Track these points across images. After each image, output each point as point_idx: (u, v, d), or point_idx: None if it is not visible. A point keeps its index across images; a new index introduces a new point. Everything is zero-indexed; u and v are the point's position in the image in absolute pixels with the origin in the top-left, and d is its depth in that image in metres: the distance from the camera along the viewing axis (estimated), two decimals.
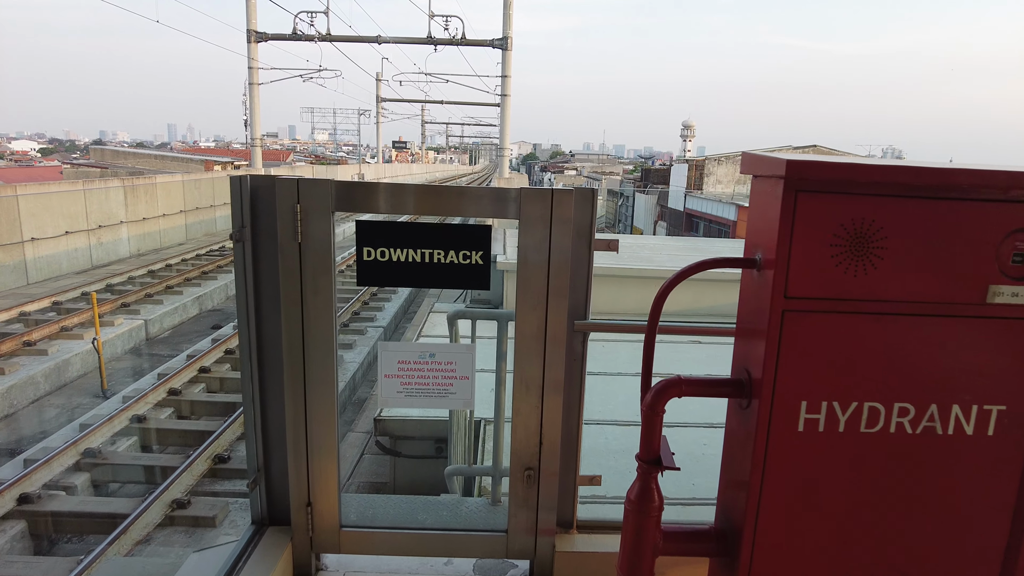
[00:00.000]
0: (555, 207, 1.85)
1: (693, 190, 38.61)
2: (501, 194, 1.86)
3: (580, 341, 2.00)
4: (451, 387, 1.98)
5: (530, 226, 1.86)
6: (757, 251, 1.47)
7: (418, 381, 1.98)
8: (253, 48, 21.83)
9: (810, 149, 41.11)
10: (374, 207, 1.87)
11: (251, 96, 23.31)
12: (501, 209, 1.86)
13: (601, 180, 71.59)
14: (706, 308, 8.32)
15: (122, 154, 45.17)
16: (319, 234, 1.86)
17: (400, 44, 24.02)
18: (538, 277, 1.89)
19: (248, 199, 1.90)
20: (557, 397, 1.97)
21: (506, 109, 24.64)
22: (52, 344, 8.59)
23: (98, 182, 15.00)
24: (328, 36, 21.89)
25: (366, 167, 42.35)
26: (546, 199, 1.85)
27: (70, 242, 13.93)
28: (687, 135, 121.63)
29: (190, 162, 39.25)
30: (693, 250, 10.57)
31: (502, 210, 1.86)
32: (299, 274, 1.88)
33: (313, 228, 1.85)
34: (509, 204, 1.86)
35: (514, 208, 1.85)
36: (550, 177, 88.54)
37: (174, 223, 18.11)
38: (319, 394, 1.97)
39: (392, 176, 48.96)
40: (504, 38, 23.34)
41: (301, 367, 1.94)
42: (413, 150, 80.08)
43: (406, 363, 1.97)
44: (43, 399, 7.78)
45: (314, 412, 1.98)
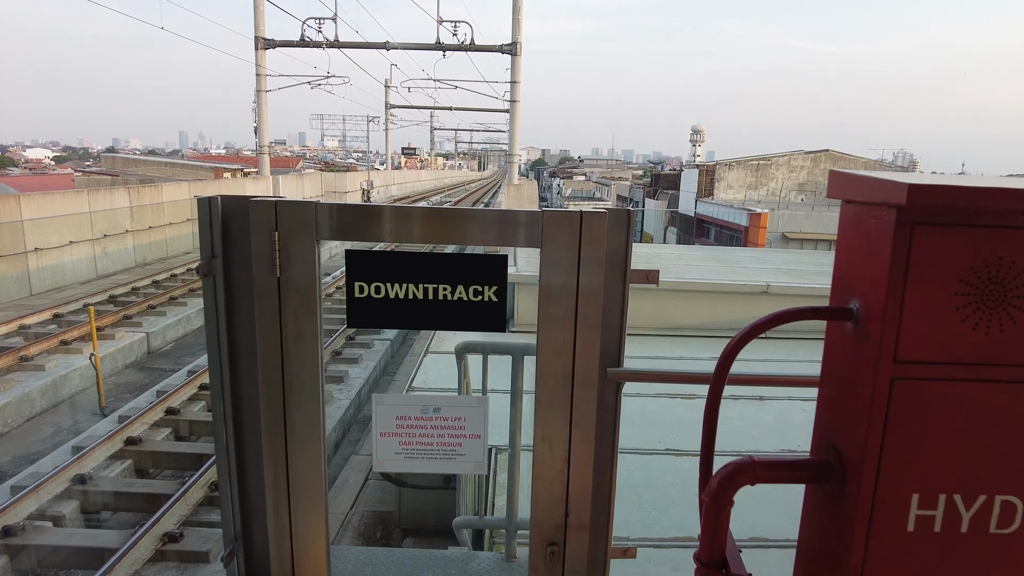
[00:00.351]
0: (585, 233, 1.54)
1: (704, 195, 38.22)
2: (519, 218, 1.54)
3: (613, 392, 1.68)
4: (459, 447, 1.67)
5: (554, 256, 1.55)
6: (853, 299, 1.15)
7: (420, 440, 1.66)
8: (261, 55, 21.72)
9: (822, 154, 40.63)
10: (368, 233, 1.57)
11: (259, 103, 23.19)
12: (520, 235, 1.55)
13: (610, 185, 71.21)
14: (724, 322, 7.97)
15: (133, 162, 45.40)
16: (302, 267, 1.55)
17: (409, 50, 23.86)
18: (563, 316, 1.57)
19: (219, 225, 1.60)
20: (586, 459, 1.65)
21: (515, 115, 24.39)
22: (50, 359, 8.35)
23: (103, 191, 14.84)
24: (336, 42, 21.74)
25: (375, 174, 42.26)
26: (573, 224, 1.53)
27: (75, 252, 13.77)
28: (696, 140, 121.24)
29: (200, 169, 39.32)
30: (712, 259, 10.21)
31: (521, 236, 1.55)
32: (278, 314, 1.58)
33: (295, 260, 1.55)
34: (529, 229, 1.54)
35: (535, 234, 1.54)
36: (559, 182, 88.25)
37: (180, 231, 17.94)
38: (304, 451, 1.66)
39: (401, 183, 48.86)
40: (513, 43, 23.11)
41: (282, 422, 1.64)
42: (422, 156, 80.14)
43: (406, 419, 1.66)
44: (38, 417, 7.54)
45: (299, 470, 1.67)
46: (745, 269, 9.07)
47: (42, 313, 10.25)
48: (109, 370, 8.93)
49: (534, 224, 1.54)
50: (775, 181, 39.78)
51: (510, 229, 1.55)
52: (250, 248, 1.57)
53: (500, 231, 1.55)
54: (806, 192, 39.35)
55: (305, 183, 28.60)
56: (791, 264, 9.98)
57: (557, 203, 77.38)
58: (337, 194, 33.21)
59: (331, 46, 21.78)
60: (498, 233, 1.55)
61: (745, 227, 31.52)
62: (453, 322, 1.58)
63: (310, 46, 21.68)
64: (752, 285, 7.83)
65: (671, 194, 44.34)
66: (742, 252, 12.24)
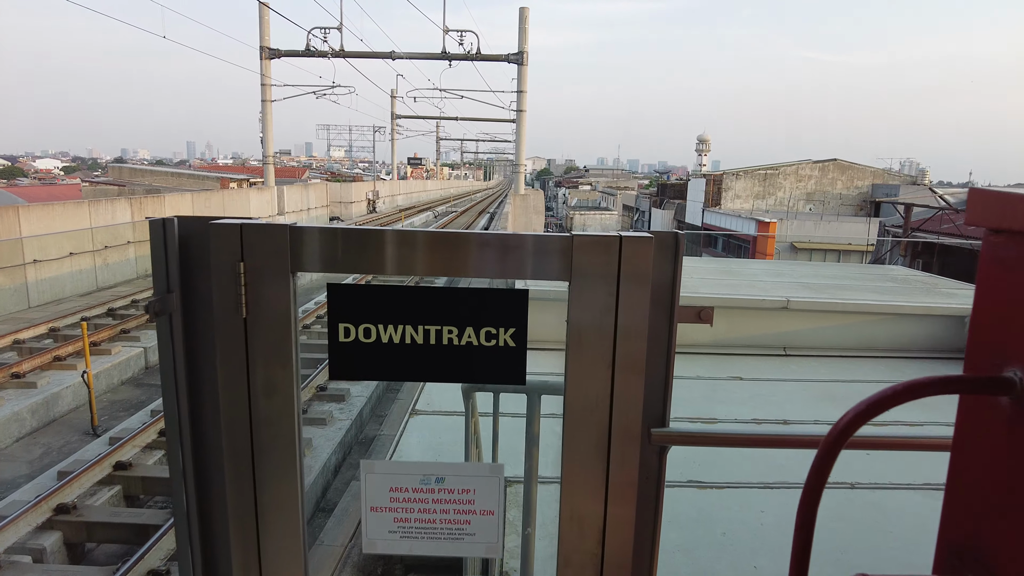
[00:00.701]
0: (625, 263, 1.23)
1: (711, 205, 37.92)
2: (544, 245, 1.24)
3: (657, 457, 1.37)
4: (468, 525, 1.36)
5: (587, 290, 1.24)
6: (1011, 365, 0.84)
7: (419, 517, 1.35)
8: (266, 65, 21.62)
9: (830, 163, 40.30)
10: (357, 263, 1.27)
11: (264, 113, 23.07)
12: (545, 265, 1.25)
13: (616, 195, 71.00)
14: (743, 338, 7.64)
15: (140, 172, 45.54)
16: (273, 305, 1.25)
17: (414, 60, 23.74)
18: (597, 365, 1.27)
19: (176, 252, 1.31)
20: (624, 540, 1.34)
21: (522, 124, 24.20)
22: (43, 376, 8.09)
23: (104, 203, 14.67)
24: (341, 52, 21.63)
25: (380, 184, 42.17)
26: (611, 250, 1.23)
27: (75, 263, 13.56)
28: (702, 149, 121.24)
29: (206, 179, 39.34)
30: (726, 272, 9.88)
31: (546, 266, 1.25)
32: (244, 364, 1.28)
33: (265, 296, 1.25)
34: (556, 258, 1.24)
35: (562, 263, 1.24)
36: (564, 192, 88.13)
37: None
38: (277, 535, 1.35)
39: (407, 192, 48.77)
40: (520, 53, 22.96)
41: (251, 499, 1.33)
42: (428, 166, 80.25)
43: (402, 491, 1.35)
44: (27, 437, 7.26)
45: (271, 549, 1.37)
46: (762, 283, 8.73)
47: (38, 327, 10.00)
48: (104, 387, 8.66)
49: (562, 251, 1.23)
50: (783, 191, 39.48)
51: (533, 258, 1.25)
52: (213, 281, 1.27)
53: (520, 261, 1.25)
54: (814, 201, 39.01)
55: (310, 193, 28.47)
56: (809, 277, 9.64)
57: (562, 213, 77.13)
58: (343, 204, 33.08)
59: (336, 56, 21.67)
60: (518, 263, 1.25)
61: (753, 237, 31.19)
62: (461, 372, 1.28)
63: (315, 56, 21.58)
64: (771, 300, 7.50)
65: (678, 203, 44.08)
66: (756, 265, 11.89)
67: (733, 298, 7.58)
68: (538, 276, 1.26)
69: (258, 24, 21.00)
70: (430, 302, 1.26)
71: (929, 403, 1.09)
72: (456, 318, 1.26)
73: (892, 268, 11.62)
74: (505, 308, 1.26)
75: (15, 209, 12.08)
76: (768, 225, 30.16)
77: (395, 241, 1.24)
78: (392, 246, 1.25)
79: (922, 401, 0.89)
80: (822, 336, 7.81)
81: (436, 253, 1.25)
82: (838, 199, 39.88)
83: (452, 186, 79.52)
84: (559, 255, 1.24)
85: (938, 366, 7.58)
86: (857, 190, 39.72)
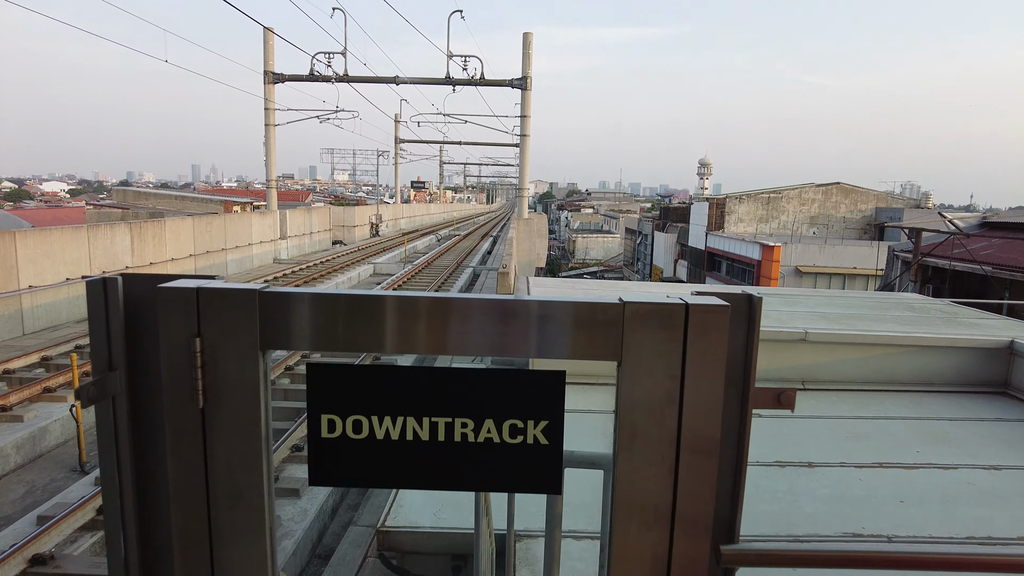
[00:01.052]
0: (694, 337, 0.95)
1: (714, 229, 37.77)
2: (586, 314, 0.96)
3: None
4: None
5: (643, 373, 0.96)
6: None
7: None
8: (270, 89, 21.64)
9: (833, 187, 40.21)
10: (346, 338, 0.99)
11: (267, 137, 23.05)
12: (587, 341, 0.97)
13: (618, 218, 71.01)
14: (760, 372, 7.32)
15: (143, 195, 45.66)
16: (239, 392, 0.98)
17: (418, 84, 23.78)
18: (657, 470, 0.98)
19: (121, 321, 1.03)
20: None
21: (525, 149, 24.14)
22: (31, 408, 7.78)
23: (103, 228, 14.49)
24: (345, 77, 21.66)
25: (384, 207, 42.16)
26: (674, 321, 0.95)
27: (72, 289, 13.33)
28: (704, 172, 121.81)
29: (210, 203, 39.38)
30: None
31: (589, 343, 0.97)
32: (203, 466, 0.99)
33: (227, 381, 0.97)
34: (602, 331, 0.96)
35: (610, 338, 0.96)
36: (567, 215, 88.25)
37: (183, 267, 17.54)
38: None
39: (410, 216, 48.78)
40: (523, 78, 23.00)
41: None
42: (431, 189, 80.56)
43: None
44: (12, 475, 6.93)
45: None
46: (777, 313, 8.44)
47: (29, 356, 9.72)
48: (94, 420, 8.33)
49: (609, 323, 0.96)
50: (786, 214, 39.39)
51: (573, 331, 0.97)
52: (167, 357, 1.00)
53: (555, 335, 0.97)
54: (818, 225, 38.87)
55: (313, 217, 28.36)
56: (824, 306, 9.34)
57: (565, 236, 77.13)
58: (345, 228, 32.98)
59: (340, 80, 21.70)
60: (552, 337, 0.97)
61: (758, 260, 30.96)
62: (477, 478, 0.99)
63: (319, 80, 21.62)
64: (788, 332, 7.21)
65: (680, 227, 43.97)
66: (768, 292, 11.62)
67: None
68: (579, 355, 0.98)
69: (263, 48, 21.08)
70: (439, 386, 0.98)
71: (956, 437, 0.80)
72: (472, 407, 0.98)
73: (909, 296, 11.33)
74: (536, 394, 0.98)
75: (11, 234, 11.89)
76: (772, 249, 29.97)
77: (396, 308, 0.97)
78: (393, 315, 0.97)
79: (951, 437, 0.62)
80: (841, 369, 7.51)
81: (446, 324, 0.97)
82: (842, 223, 39.78)
83: (455, 209, 79.72)
84: (606, 328, 0.96)
85: (964, 400, 7.25)
86: (861, 213, 39.63)
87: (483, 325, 0.97)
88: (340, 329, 0.97)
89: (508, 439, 0.98)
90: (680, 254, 43.78)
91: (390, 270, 23.16)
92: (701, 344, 0.95)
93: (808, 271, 30.89)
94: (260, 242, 22.28)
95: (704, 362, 0.96)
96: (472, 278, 21.83)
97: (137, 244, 15.52)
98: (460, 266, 24.48)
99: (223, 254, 19.77)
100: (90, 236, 13.95)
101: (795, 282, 31.36)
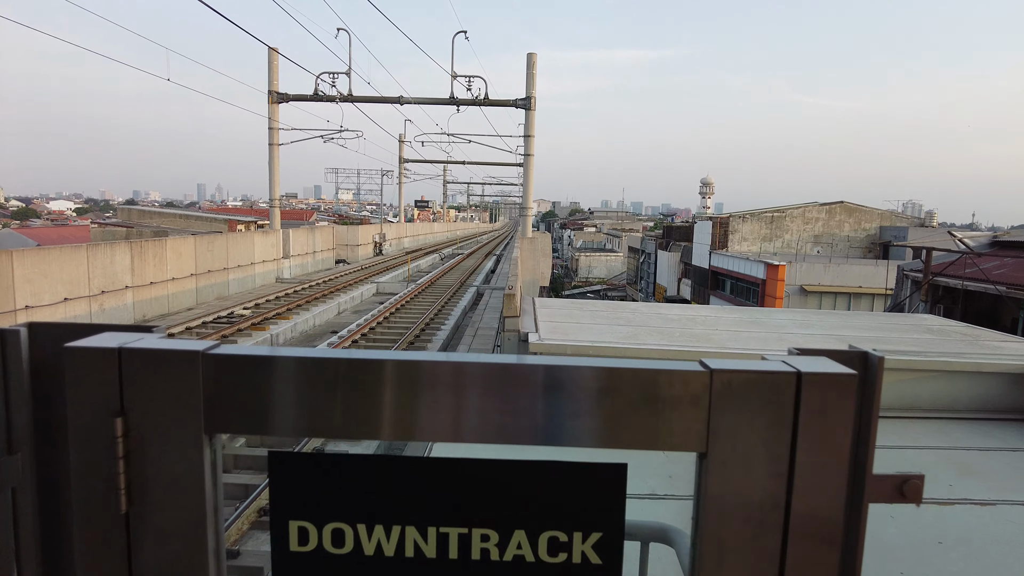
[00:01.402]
0: (807, 417, 0.69)
1: (718, 247, 37.56)
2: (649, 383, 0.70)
3: None
4: None
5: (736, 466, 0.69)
6: None
7: None
8: (274, 109, 21.62)
9: (837, 206, 40.02)
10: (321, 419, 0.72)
11: (271, 156, 22.99)
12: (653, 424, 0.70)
13: (621, 237, 70.88)
14: None
15: (148, 213, 45.76)
16: (177, 492, 0.71)
17: (423, 104, 23.77)
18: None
19: (25, 387, 0.77)
20: None
21: (529, 168, 24.04)
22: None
23: (103, 248, 14.31)
24: (350, 96, 21.65)
25: (387, 226, 42.10)
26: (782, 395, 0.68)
27: (69, 309, 13.10)
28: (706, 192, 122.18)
29: (214, 221, 39.37)
30: (753, 323, 9.30)
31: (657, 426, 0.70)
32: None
33: (161, 477, 0.71)
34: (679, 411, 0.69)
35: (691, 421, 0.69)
36: (570, 234, 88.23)
37: (184, 287, 17.33)
38: None
39: (413, 235, 48.73)
40: (527, 98, 22.96)
41: None
42: (435, 208, 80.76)
43: None
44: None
45: None
46: (792, 336, 8.15)
47: None
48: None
49: (693, 401, 0.69)
50: (790, 233, 39.22)
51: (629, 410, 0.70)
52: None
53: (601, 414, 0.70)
54: (822, 244, 38.64)
55: (316, 236, 28.23)
56: (839, 328, 9.05)
57: (568, 254, 77.01)
58: (349, 247, 32.85)
59: (345, 100, 21.68)
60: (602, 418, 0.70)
61: (762, 279, 30.68)
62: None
63: (324, 100, 21.60)
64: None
65: (684, 246, 43.79)
66: (782, 315, 11.30)
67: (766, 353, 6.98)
68: (642, 443, 0.71)
69: (267, 68, 21.11)
70: (450, 483, 0.71)
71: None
72: (497, 513, 0.71)
73: (926, 317, 11.04)
74: (586, 495, 0.71)
75: (8, 254, 11.70)
76: (777, 268, 29.73)
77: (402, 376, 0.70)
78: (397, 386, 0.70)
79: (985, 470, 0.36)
80: None
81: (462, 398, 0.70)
82: (846, 241, 39.58)
83: (458, 228, 79.81)
84: (685, 407, 0.69)
85: (992, 428, 6.94)
86: (865, 232, 39.44)
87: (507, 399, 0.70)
88: (315, 402, 0.70)
89: (546, 558, 0.71)
90: (684, 273, 43.57)
91: (393, 289, 22.93)
92: (817, 427, 0.69)
93: (813, 290, 30.62)
94: (263, 261, 22.10)
95: (821, 452, 0.69)
96: (476, 297, 21.58)
97: (137, 263, 15.33)
98: (464, 285, 24.25)
99: (225, 273, 19.57)
100: (89, 256, 13.76)
101: (800, 301, 31.06)
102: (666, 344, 6.49)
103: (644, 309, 8.01)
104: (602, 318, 6.54)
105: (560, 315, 6.82)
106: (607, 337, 5.25)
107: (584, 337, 5.24)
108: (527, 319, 7.26)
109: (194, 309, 17.09)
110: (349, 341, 13.15)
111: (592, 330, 5.63)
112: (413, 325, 15.14)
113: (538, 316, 7.67)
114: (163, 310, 16.39)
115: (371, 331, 14.60)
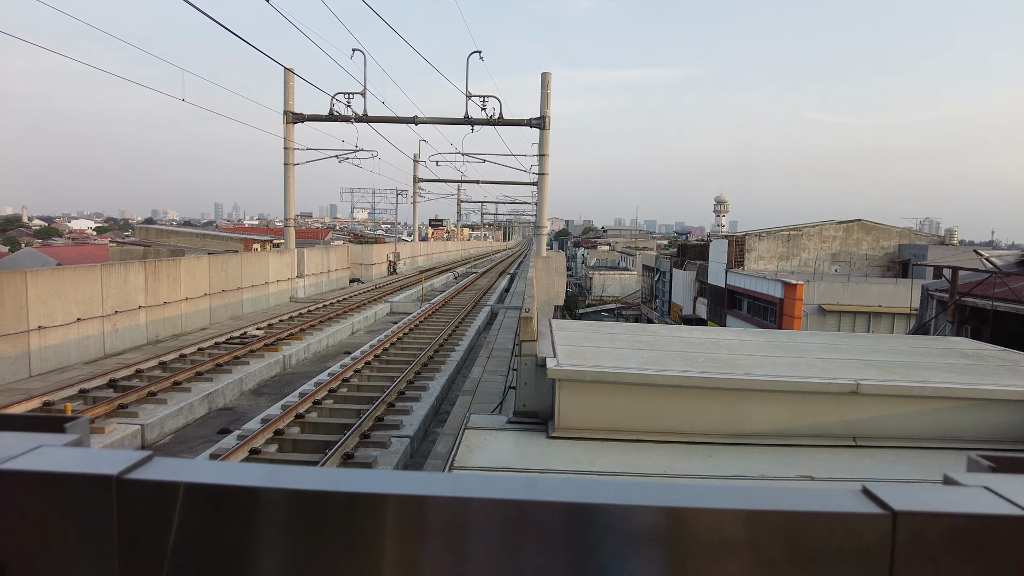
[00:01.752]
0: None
1: (734, 266, 37.12)
2: (791, 529, 0.46)
3: None
4: None
5: None
6: None
7: None
8: (289, 129, 21.75)
9: (854, 224, 39.48)
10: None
11: (286, 176, 23.10)
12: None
13: (635, 255, 70.53)
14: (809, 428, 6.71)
15: (165, 232, 46.28)
16: None
17: (437, 124, 23.82)
18: None
19: None
20: None
21: (544, 187, 23.93)
22: None
23: (117, 267, 14.31)
24: (365, 117, 21.74)
25: (402, 245, 42.21)
26: (1006, 553, 0.44)
27: (82, 329, 13.06)
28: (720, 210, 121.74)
29: (231, 240, 39.69)
30: (777, 347, 8.94)
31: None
32: None
33: None
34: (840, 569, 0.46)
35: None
36: (583, 252, 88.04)
37: (197, 307, 17.30)
38: None
39: (427, 254, 48.82)
40: (542, 117, 22.92)
41: None
42: (449, 227, 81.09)
43: None
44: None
45: None
46: (822, 360, 7.80)
47: (31, 401, 9.35)
48: None
49: (856, 552, 0.45)
50: (807, 251, 38.75)
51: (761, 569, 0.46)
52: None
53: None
54: (840, 262, 38.07)
55: (331, 256, 28.27)
56: (869, 353, 8.67)
57: (581, 273, 76.73)
58: (363, 266, 32.89)
59: (360, 120, 21.77)
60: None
61: (780, 299, 30.18)
62: None
63: (339, 120, 21.71)
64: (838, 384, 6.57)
65: (699, 264, 43.40)
66: (809, 338, 10.93)
67: (794, 381, 6.66)
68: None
69: (283, 89, 21.29)
70: None
71: None
72: None
73: (960, 341, 10.62)
74: None
75: (22, 274, 11.69)
76: (795, 287, 29.25)
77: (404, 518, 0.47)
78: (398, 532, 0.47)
79: None
80: (895, 424, 6.82)
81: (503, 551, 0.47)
82: (864, 260, 39.02)
83: (472, 247, 79.98)
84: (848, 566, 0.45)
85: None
86: (883, 251, 38.88)
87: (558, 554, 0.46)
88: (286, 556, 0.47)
89: None
90: (699, 291, 43.12)
91: (407, 309, 22.79)
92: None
93: (832, 309, 30.08)
94: (277, 281, 22.09)
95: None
96: (490, 317, 21.36)
97: (151, 283, 15.31)
98: (478, 304, 24.06)
99: (239, 293, 19.55)
100: (103, 276, 13.75)
101: (819, 321, 30.52)
102: (690, 371, 6.20)
103: (664, 332, 7.73)
104: (621, 341, 6.27)
105: (578, 337, 6.54)
106: (628, 363, 4.98)
107: (604, 362, 4.97)
108: (544, 343, 6.98)
109: (207, 329, 17.03)
110: (362, 363, 12.97)
111: (612, 354, 5.36)
112: (427, 346, 14.94)
113: (555, 339, 7.41)
114: (176, 330, 16.35)
115: (384, 352, 14.42)
